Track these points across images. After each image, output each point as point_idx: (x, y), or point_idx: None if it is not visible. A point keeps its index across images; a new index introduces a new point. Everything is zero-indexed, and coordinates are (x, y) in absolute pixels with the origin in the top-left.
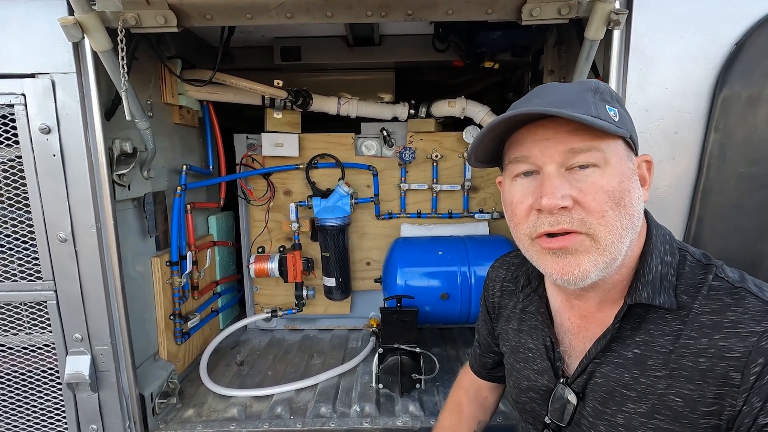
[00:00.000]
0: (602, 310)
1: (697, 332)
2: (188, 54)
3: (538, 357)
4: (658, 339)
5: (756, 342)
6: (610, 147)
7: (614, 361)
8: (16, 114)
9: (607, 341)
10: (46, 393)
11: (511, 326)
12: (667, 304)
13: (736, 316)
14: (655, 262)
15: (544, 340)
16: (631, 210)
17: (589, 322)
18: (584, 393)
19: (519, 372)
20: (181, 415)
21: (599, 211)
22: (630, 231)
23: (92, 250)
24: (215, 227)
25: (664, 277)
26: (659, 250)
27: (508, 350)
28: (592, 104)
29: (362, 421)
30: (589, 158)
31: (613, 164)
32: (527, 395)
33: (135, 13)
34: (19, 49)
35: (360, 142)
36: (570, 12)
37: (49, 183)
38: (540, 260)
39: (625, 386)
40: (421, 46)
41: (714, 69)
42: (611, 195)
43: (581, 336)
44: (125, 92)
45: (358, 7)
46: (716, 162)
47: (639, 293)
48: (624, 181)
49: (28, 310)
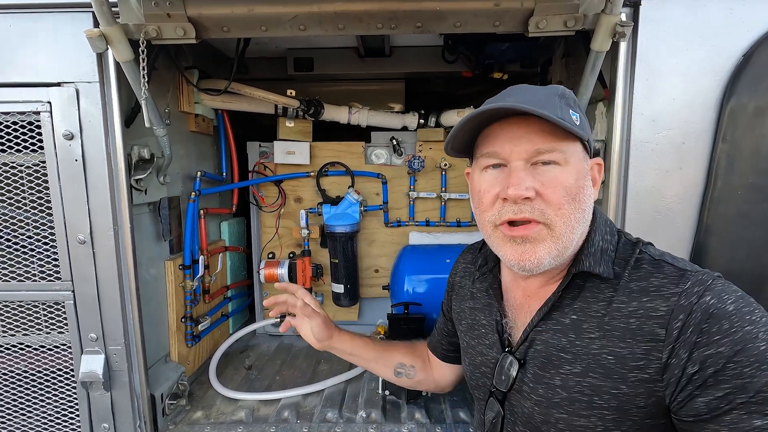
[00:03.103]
0: (544, 288)
1: (627, 297)
2: (205, 64)
3: (489, 332)
4: (593, 305)
5: (677, 301)
6: (571, 148)
7: (553, 328)
8: (41, 120)
9: (549, 308)
10: (60, 392)
11: (467, 305)
12: (605, 273)
13: (659, 281)
14: (598, 238)
15: (495, 315)
16: (583, 205)
17: (531, 300)
18: (525, 360)
19: (474, 348)
20: (190, 416)
21: (557, 204)
22: (581, 224)
23: (109, 252)
24: (227, 233)
25: (605, 251)
26: (602, 230)
27: (464, 328)
28: (559, 107)
29: (368, 427)
30: (551, 157)
31: (572, 163)
32: (480, 370)
33: (156, 25)
34: (46, 59)
35: (370, 150)
36: (576, 24)
37: (71, 187)
38: (500, 247)
39: (563, 350)
40: (430, 58)
41: (721, 80)
42: (568, 190)
43: (524, 311)
44: (145, 101)
45: (369, 20)
46: (724, 172)
47: (582, 263)
48: (579, 179)
49: (46, 310)
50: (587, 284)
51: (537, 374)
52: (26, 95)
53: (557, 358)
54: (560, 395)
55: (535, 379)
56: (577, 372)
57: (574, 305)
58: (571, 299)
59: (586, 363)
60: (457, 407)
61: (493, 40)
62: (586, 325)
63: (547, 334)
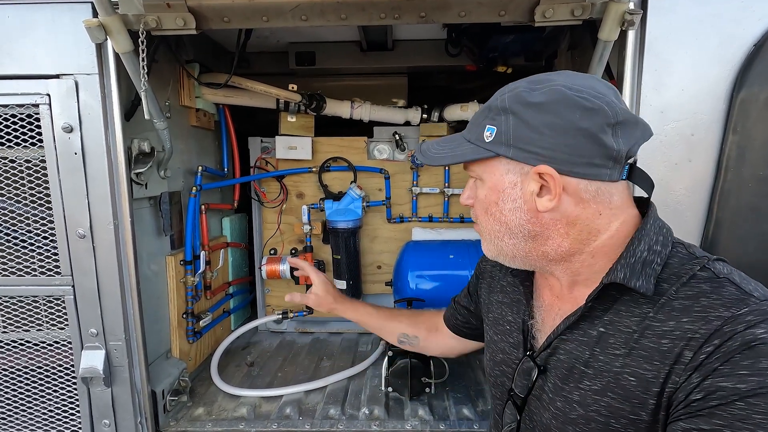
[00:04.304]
0: (574, 291)
1: (666, 315)
2: (206, 59)
3: (514, 330)
4: (625, 320)
5: (720, 326)
6: (481, 167)
7: (579, 339)
8: (40, 113)
9: (577, 318)
10: (61, 388)
11: (496, 298)
12: (643, 289)
13: (709, 302)
14: (642, 248)
15: (522, 314)
16: (500, 217)
17: (562, 302)
18: (546, 367)
19: (496, 344)
20: (192, 413)
21: (476, 215)
22: (506, 235)
23: (109, 247)
24: (228, 229)
25: (648, 264)
26: (650, 239)
27: (490, 321)
28: (474, 127)
29: (371, 423)
30: (473, 175)
31: (485, 179)
32: (500, 368)
33: (156, 15)
34: (44, 50)
35: (372, 145)
36: (583, 13)
37: (70, 180)
38: None
39: (585, 363)
40: (433, 51)
41: (731, 70)
42: (481, 204)
43: (553, 313)
44: (144, 92)
45: (372, 10)
46: (734, 164)
47: (616, 273)
48: (490, 195)
49: (46, 305)
50: (623, 297)
51: (557, 386)
52: (25, 87)
53: (578, 371)
54: (577, 412)
55: (555, 390)
56: (596, 389)
57: (605, 317)
58: (602, 311)
59: (606, 381)
60: (461, 404)
61: (497, 32)
62: (612, 339)
63: (571, 344)
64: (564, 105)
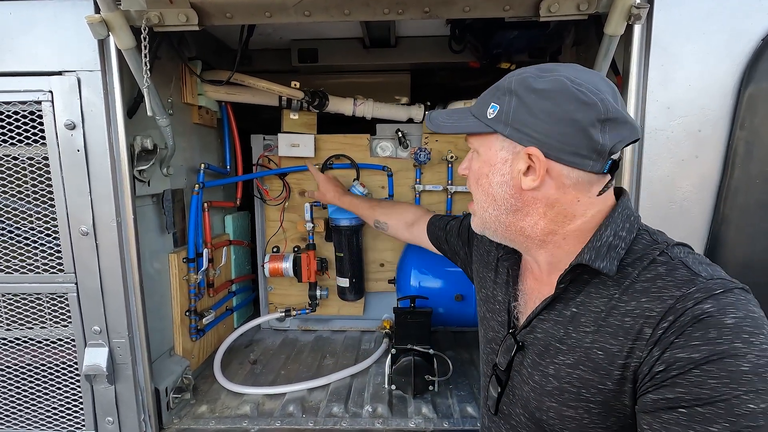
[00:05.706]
0: (552, 276)
1: (629, 296)
2: (208, 56)
3: (503, 310)
4: (595, 300)
5: (672, 304)
6: (479, 141)
7: (554, 319)
8: (43, 110)
9: (552, 299)
10: (64, 385)
11: (490, 275)
12: (606, 269)
13: (664, 283)
14: (608, 233)
15: (509, 294)
16: (488, 189)
17: (541, 285)
18: (524, 344)
19: (487, 321)
20: (195, 410)
21: (469, 185)
22: (491, 206)
23: (112, 244)
24: (231, 226)
25: (613, 247)
26: (616, 225)
27: (483, 298)
28: (481, 104)
29: (374, 421)
30: (472, 147)
31: (481, 153)
32: (490, 346)
33: (158, 11)
34: (47, 47)
35: (375, 143)
36: (589, 7)
37: (73, 177)
38: None
39: (559, 341)
40: (437, 48)
41: (739, 65)
42: (474, 174)
43: (533, 296)
44: (147, 89)
45: (375, 5)
46: (742, 161)
47: (583, 255)
48: (483, 167)
49: (49, 303)
50: (594, 280)
51: (535, 361)
52: (27, 84)
53: (554, 348)
54: (552, 384)
55: (533, 365)
56: (569, 363)
57: (577, 299)
58: (575, 293)
59: (577, 355)
60: (465, 402)
61: (501, 28)
62: (583, 318)
63: (548, 323)
64: (563, 95)
